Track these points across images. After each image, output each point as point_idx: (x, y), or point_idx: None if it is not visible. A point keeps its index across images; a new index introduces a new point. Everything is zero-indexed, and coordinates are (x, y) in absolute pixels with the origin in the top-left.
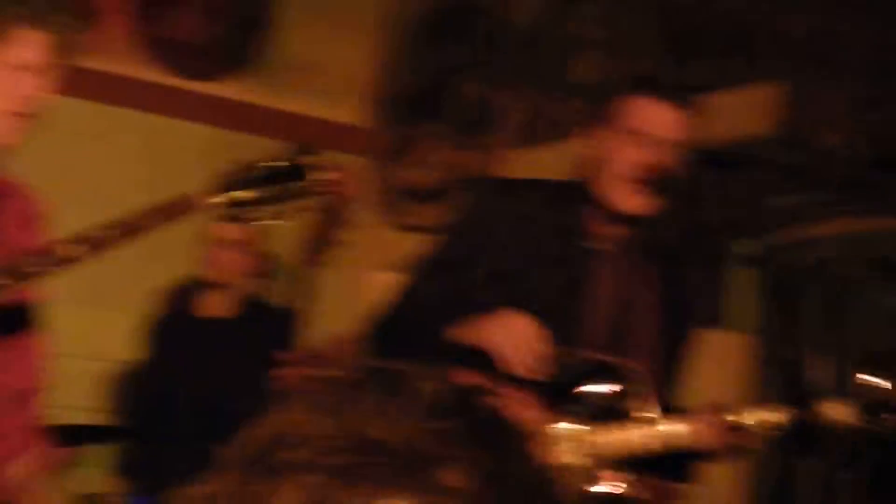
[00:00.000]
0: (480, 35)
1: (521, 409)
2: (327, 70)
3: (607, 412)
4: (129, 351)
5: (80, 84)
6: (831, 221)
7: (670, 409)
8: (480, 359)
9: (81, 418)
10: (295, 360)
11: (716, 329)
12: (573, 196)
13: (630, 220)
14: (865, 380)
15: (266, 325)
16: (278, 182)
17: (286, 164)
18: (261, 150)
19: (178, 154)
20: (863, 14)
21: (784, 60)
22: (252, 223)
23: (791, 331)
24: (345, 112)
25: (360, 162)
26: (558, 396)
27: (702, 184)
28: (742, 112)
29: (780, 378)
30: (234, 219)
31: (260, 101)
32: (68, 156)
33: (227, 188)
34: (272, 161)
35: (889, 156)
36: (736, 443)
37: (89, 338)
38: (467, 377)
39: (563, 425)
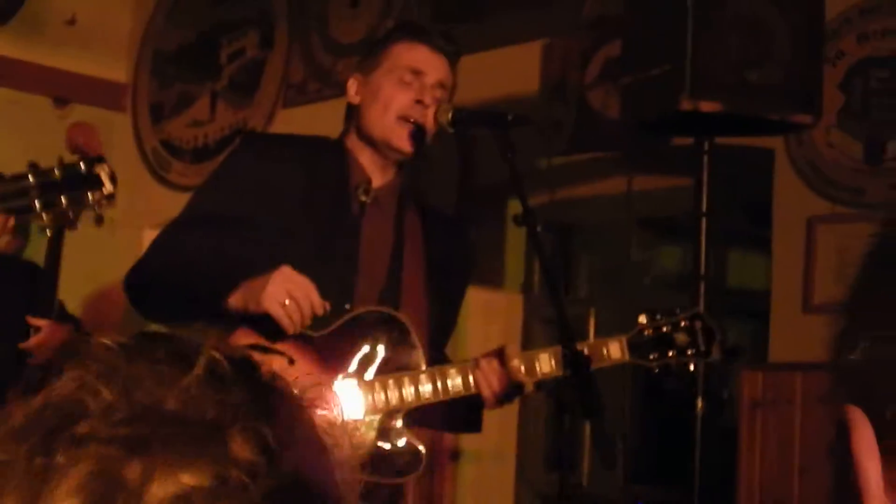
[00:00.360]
0: None
1: (300, 369)
2: (91, 25)
3: (383, 365)
4: None
5: None
6: (599, 181)
7: (442, 360)
8: (255, 317)
9: None
10: (48, 322)
11: (485, 287)
12: (338, 146)
13: (398, 159)
14: (642, 322)
15: (15, 282)
16: (72, 189)
17: (83, 171)
18: (23, 105)
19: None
20: None
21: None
22: (44, 229)
23: (560, 289)
24: (110, 68)
25: (126, 119)
26: (335, 351)
27: (472, 142)
28: (508, 71)
29: (550, 336)
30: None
31: (22, 55)
32: None
33: (20, 193)
34: (68, 167)
35: (644, 119)
36: (508, 388)
37: None
38: (242, 339)
39: (343, 381)
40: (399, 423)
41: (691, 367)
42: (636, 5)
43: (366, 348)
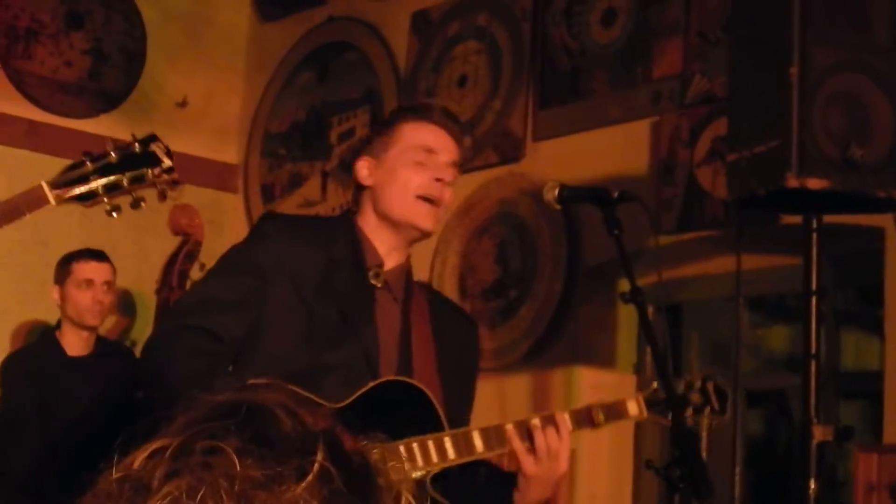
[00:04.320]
0: (362, 75)
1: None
2: (202, 107)
3: (405, 432)
4: None
5: None
6: (708, 260)
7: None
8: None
9: None
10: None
11: (596, 366)
12: (351, 226)
13: (414, 239)
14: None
15: (119, 363)
16: (131, 169)
17: (138, 150)
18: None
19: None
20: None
21: (652, 99)
22: (111, 212)
23: (668, 369)
24: (221, 150)
25: (238, 200)
26: (356, 423)
27: (580, 221)
28: (617, 150)
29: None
30: (86, 206)
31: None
32: None
33: (80, 179)
34: (122, 149)
35: (751, 196)
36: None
37: None
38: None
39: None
40: (427, 486)
41: (710, 425)
42: (740, 82)
43: (386, 417)
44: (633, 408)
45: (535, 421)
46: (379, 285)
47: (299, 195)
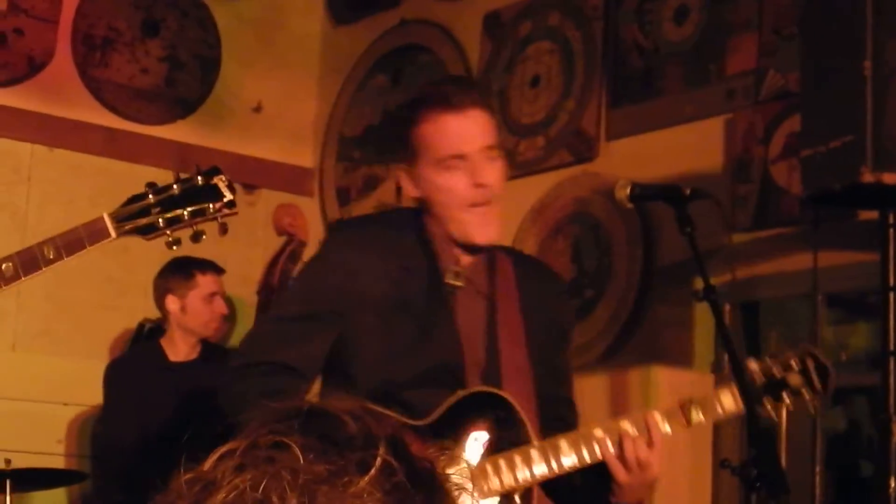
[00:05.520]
0: (435, 77)
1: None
2: (277, 112)
3: (492, 446)
4: (82, 395)
5: (27, 128)
6: (784, 257)
7: (565, 415)
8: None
9: (33, 462)
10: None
11: (673, 366)
12: (420, 224)
13: (483, 248)
14: (752, 368)
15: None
16: (193, 202)
17: (201, 183)
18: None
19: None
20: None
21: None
22: (171, 244)
23: (742, 366)
24: (296, 154)
25: (314, 203)
26: (441, 439)
27: (655, 220)
28: (691, 148)
29: (741, 417)
30: (147, 238)
31: (210, 143)
32: (17, 199)
33: (141, 212)
34: (185, 181)
35: (825, 192)
36: (632, 456)
37: (39, 382)
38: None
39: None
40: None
41: (811, 410)
42: (814, 77)
43: (472, 431)
44: (728, 402)
45: (627, 426)
46: (460, 284)
47: (374, 198)
